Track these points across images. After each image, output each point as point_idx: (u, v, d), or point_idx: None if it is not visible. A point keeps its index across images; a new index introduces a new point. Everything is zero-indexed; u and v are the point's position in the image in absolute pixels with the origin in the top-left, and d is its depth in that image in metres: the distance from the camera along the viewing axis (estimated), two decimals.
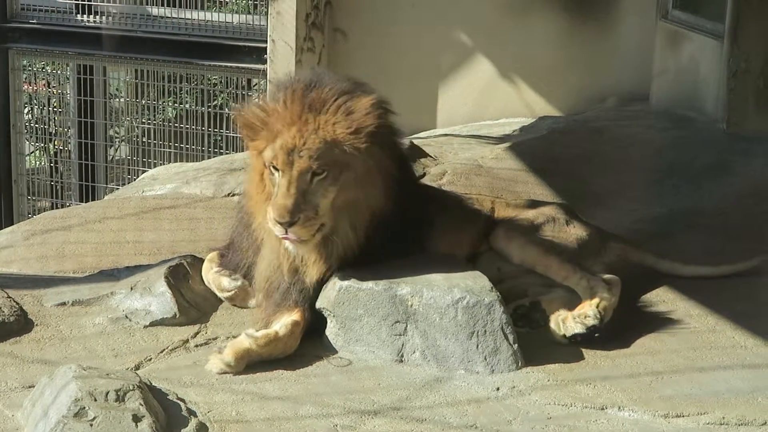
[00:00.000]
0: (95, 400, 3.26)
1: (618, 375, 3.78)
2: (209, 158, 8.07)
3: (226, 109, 9.15)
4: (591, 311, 4.02)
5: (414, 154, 6.07)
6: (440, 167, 6.21)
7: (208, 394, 3.58)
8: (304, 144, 3.84)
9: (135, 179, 7.51)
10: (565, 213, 4.53)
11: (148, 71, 9.52)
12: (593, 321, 3.99)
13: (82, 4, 9.56)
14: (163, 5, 9.41)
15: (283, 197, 3.80)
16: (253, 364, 3.76)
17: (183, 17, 9.34)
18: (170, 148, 9.42)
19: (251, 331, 3.84)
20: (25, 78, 10.18)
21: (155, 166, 8.17)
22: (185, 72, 9.51)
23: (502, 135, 7.52)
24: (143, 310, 4.15)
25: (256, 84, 9.50)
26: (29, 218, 7.42)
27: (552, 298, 4.16)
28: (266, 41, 8.76)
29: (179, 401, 3.47)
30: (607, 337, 4.05)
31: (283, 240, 3.89)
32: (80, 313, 4.17)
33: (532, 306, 4.12)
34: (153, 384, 3.53)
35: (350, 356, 3.89)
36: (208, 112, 9.39)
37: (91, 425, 3.18)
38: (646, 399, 3.62)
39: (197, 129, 9.41)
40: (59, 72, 10.09)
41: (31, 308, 4.18)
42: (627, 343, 4.03)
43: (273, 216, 3.81)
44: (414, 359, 3.86)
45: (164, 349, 3.93)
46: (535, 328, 4.06)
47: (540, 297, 4.16)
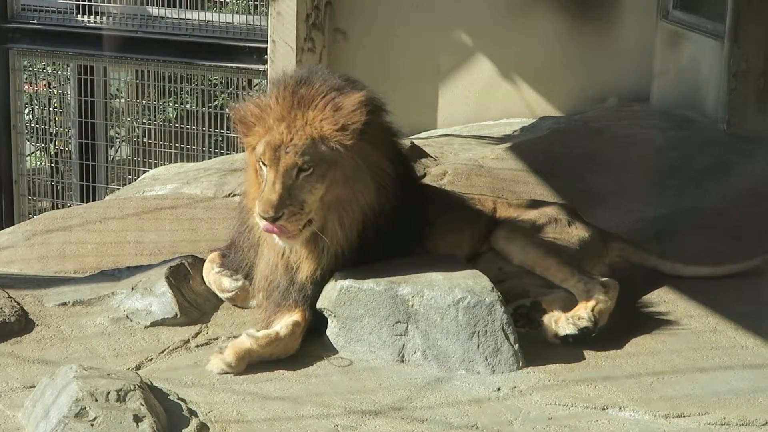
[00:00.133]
0: (96, 401, 3.26)
1: (619, 375, 3.78)
2: (210, 158, 8.08)
3: (227, 110, 9.14)
4: (585, 313, 4.02)
5: (414, 155, 6.08)
6: (441, 167, 6.20)
7: (209, 394, 3.57)
8: (291, 140, 3.85)
9: (136, 179, 7.51)
10: (567, 213, 4.53)
11: (149, 72, 9.52)
12: (586, 323, 3.99)
13: (83, 5, 9.56)
14: (164, 6, 9.41)
15: (268, 192, 3.82)
16: (254, 365, 3.76)
17: (183, 18, 9.34)
18: (171, 149, 9.42)
19: (252, 332, 3.84)
20: (26, 78, 10.17)
21: (156, 167, 8.16)
22: (186, 72, 9.50)
23: (503, 135, 7.52)
24: (144, 311, 4.15)
25: (257, 84, 9.50)
26: (30, 218, 7.43)
27: (553, 299, 4.16)
28: (267, 41, 8.76)
29: (180, 401, 3.47)
30: (608, 338, 4.05)
31: (273, 235, 3.90)
32: (81, 314, 4.17)
33: (533, 306, 4.11)
34: (154, 384, 3.53)
35: (351, 356, 3.89)
36: (209, 113, 9.39)
37: (92, 425, 3.18)
38: (647, 399, 3.62)
39: (198, 129, 9.41)
40: (60, 72, 10.09)
41: (32, 308, 4.18)
42: (628, 344, 4.03)
43: (258, 211, 3.84)
44: (415, 359, 3.86)
45: (165, 350, 3.93)
46: (536, 329, 4.05)
47: (541, 297, 4.16)
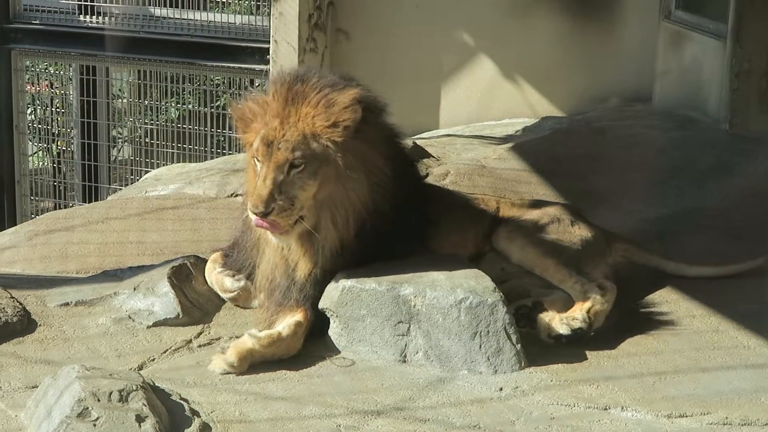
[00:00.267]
0: (98, 401, 3.26)
1: (621, 375, 3.78)
2: (212, 159, 8.08)
3: (229, 110, 9.13)
4: (580, 315, 4.03)
5: (417, 155, 6.08)
6: (443, 167, 6.20)
7: (212, 395, 3.58)
8: (284, 136, 3.86)
9: (138, 180, 7.51)
10: (570, 213, 4.53)
11: (151, 72, 9.53)
12: (580, 324, 3.99)
13: (85, 5, 9.57)
14: (166, 6, 9.41)
15: (259, 187, 3.84)
16: (256, 365, 3.76)
17: (186, 18, 9.34)
18: (173, 149, 9.43)
19: (254, 332, 3.84)
20: (28, 79, 10.18)
21: (158, 167, 8.17)
22: (188, 72, 9.51)
23: (505, 135, 7.51)
24: (146, 311, 4.15)
25: (259, 85, 9.50)
26: (32, 219, 7.43)
27: (554, 299, 4.15)
28: (269, 42, 8.77)
29: (182, 401, 3.47)
30: (610, 338, 4.05)
31: (267, 231, 3.91)
32: (83, 314, 4.17)
33: (534, 306, 4.11)
34: (156, 384, 3.53)
35: (353, 356, 3.89)
36: (211, 113, 9.39)
37: (95, 425, 3.19)
38: (649, 399, 3.61)
39: (200, 129, 9.42)
40: (62, 73, 10.09)
41: (35, 308, 4.18)
42: (630, 343, 4.03)
43: (249, 206, 3.86)
44: (417, 359, 3.86)
45: (167, 350, 3.93)
46: (536, 329, 4.06)
47: (542, 298, 4.16)
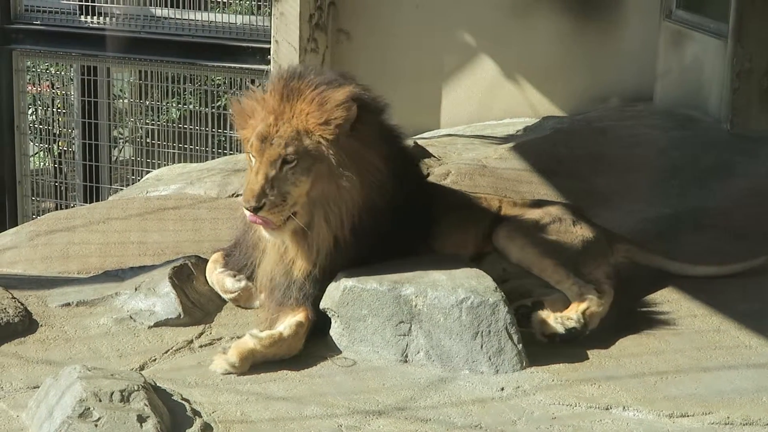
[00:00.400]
0: (100, 401, 3.26)
1: (622, 375, 3.78)
2: (213, 159, 8.09)
3: (230, 110, 9.14)
4: (575, 315, 4.03)
5: (418, 155, 6.07)
6: (444, 167, 6.20)
7: (213, 395, 3.58)
8: (277, 131, 3.88)
9: (139, 180, 7.52)
10: (572, 213, 4.51)
11: (152, 72, 9.53)
12: (574, 324, 3.99)
13: (86, 6, 9.57)
14: (167, 6, 9.41)
15: (251, 182, 3.86)
16: (258, 365, 3.76)
17: (186, 18, 9.35)
18: (174, 149, 9.43)
19: (256, 332, 3.84)
20: (29, 79, 10.18)
21: (159, 167, 8.17)
22: (189, 73, 9.51)
23: (506, 135, 7.51)
24: (148, 311, 4.15)
25: (260, 85, 9.49)
26: (33, 219, 7.44)
27: (555, 299, 4.15)
28: (270, 42, 8.77)
29: (184, 401, 3.47)
30: (612, 337, 4.05)
31: (258, 227, 3.93)
32: (85, 314, 4.17)
33: (534, 306, 4.10)
34: (157, 384, 3.53)
35: (355, 356, 3.89)
36: (212, 113, 9.39)
37: (96, 426, 3.19)
38: (651, 399, 3.61)
39: (201, 130, 9.42)
40: (63, 73, 10.10)
41: (36, 309, 4.18)
42: (631, 343, 4.03)
43: (241, 201, 3.88)
44: (418, 359, 3.86)
45: (169, 350, 3.93)
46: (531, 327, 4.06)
47: (543, 297, 4.16)
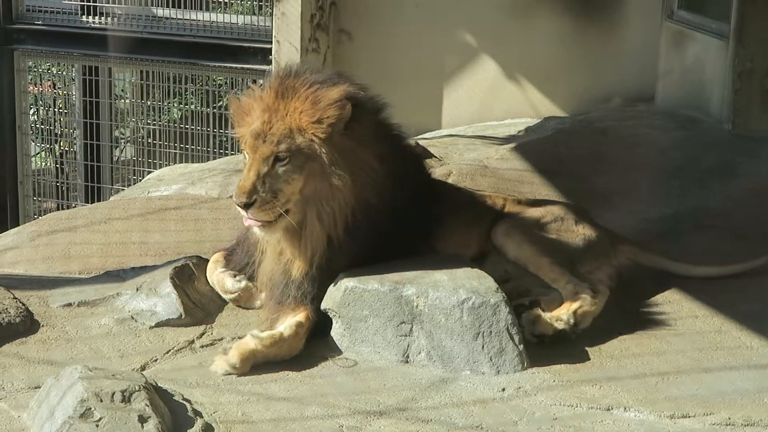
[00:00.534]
0: (101, 401, 3.26)
1: (624, 375, 3.78)
2: (214, 159, 8.09)
3: (230, 109, 9.13)
4: (565, 315, 4.03)
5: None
6: (445, 168, 6.20)
7: (214, 395, 3.58)
8: (270, 129, 3.89)
9: (140, 180, 7.52)
10: (575, 213, 4.50)
11: (154, 72, 9.53)
12: (563, 326, 4.00)
13: (88, 6, 9.57)
14: (169, 6, 9.42)
15: (243, 179, 3.88)
16: (259, 365, 3.76)
17: (188, 18, 9.35)
18: (175, 149, 9.43)
19: (256, 332, 3.84)
20: (31, 79, 10.19)
21: (161, 167, 8.18)
22: (190, 73, 9.51)
23: (507, 135, 7.51)
24: (149, 311, 4.15)
25: (261, 84, 9.50)
26: (35, 219, 7.44)
27: (552, 298, 4.15)
28: (271, 42, 8.77)
29: (185, 402, 3.47)
30: (613, 338, 4.05)
31: (251, 224, 3.93)
32: (86, 314, 4.17)
33: (531, 305, 4.10)
34: (159, 385, 3.53)
35: (356, 357, 3.89)
36: (214, 113, 9.39)
37: (97, 426, 3.19)
38: (652, 399, 3.61)
39: (202, 130, 9.42)
40: (65, 73, 10.10)
41: (37, 309, 4.18)
42: (632, 344, 4.02)
43: (233, 198, 3.89)
44: (419, 360, 3.86)
45: (170, 350, 3.93)
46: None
47: (540, 297, 4.16)
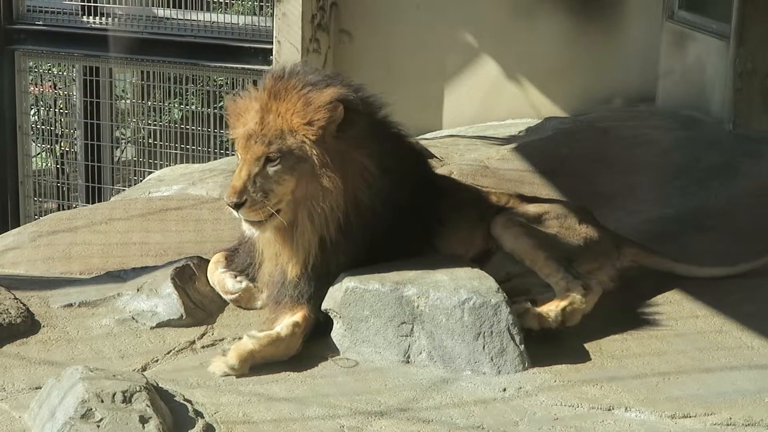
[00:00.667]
0: (102, 402, 3.26)
1: (625, 376, 3.78)
2: (215, 159, 8.09)
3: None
4: (553, 312, 4.04)
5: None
6: (446, 168, 6.20)
7: (215, 396, 3.58)
8: (262, 130, 3.91)
9: (141, 180, 7.53)
10: (578, 213, 4.50)
11: (154, 73, 9.53)
12: (550, 323, 4.01)
13: (88, 6, 9.57)
14: (169, 7, 9.42)
15: (234, 179, 3.90)
16: (257, 366, 3.76)
17: (189, 19, 9.35)
18: (176, 150, 9.43)
19: (254, 333, 3.84)
20: (32, 80, 10.19)
21: (161, 168, 8.18)
22: (191, 73, 9.52)
23: (508, 136, 7.51)
24: (150, 312, 4.15)
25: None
26: (36, 220, 7.44)
27: (548, 299, 4.15)
28: (272, 42, 8.77)
29: (186, 402, 3.47)
30: (614, 338, 4.05)
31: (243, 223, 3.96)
32: (87, 315, 4.17)
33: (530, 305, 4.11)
34: (160, 385, 3.53)
35: (357, 357, 3.89)
36: (214, 114, 9.39)
37: (98, 426, 3.19)
38: (653, 400, 3.61)
39: (203, 130, 9.42)
40: (65, 73, 10.11)
41: (38, 309, 4.18)
42: (633, 344, 4.02)
43: (224, 198, 3.91)
44: (420, 360, 3.86)
45: (171, 351, 3.93)
46: None
47: (538, 296, 4.16)
